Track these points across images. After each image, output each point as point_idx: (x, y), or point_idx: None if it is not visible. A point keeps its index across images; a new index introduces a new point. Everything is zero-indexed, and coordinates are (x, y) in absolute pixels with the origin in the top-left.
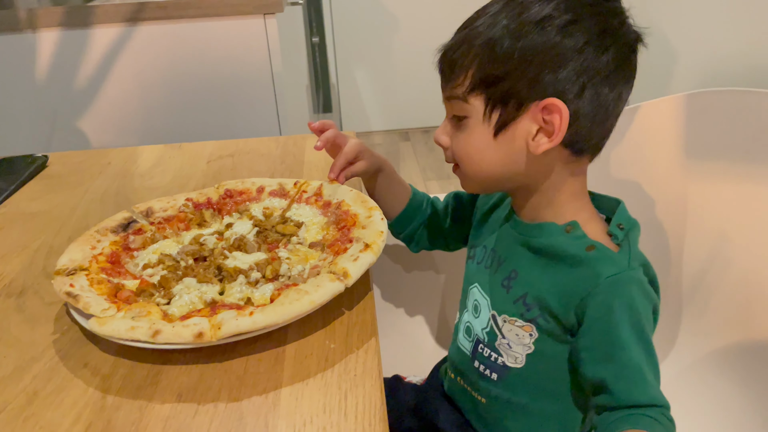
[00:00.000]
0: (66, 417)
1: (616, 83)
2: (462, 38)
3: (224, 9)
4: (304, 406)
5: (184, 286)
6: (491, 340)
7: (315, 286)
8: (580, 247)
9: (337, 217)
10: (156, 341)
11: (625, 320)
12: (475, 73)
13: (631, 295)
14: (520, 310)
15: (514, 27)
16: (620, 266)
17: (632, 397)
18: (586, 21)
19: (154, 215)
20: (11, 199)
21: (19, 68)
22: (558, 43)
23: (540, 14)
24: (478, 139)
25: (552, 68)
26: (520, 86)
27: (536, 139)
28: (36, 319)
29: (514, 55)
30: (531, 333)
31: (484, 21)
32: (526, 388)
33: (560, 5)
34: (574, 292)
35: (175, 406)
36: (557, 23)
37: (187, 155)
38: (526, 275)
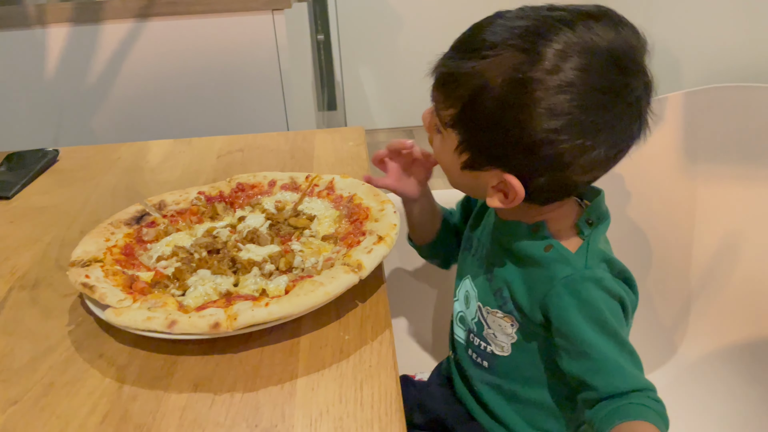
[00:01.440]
0: (82, 407)
1: (606, 166)
2: (457, 71)
3: (233, 5)
4: (320, 396)
5: (199, 277)
6: (480, 329)
7: (329, 277)
8: (539, 248)
9: (350, 211)
10: (172, 332)
11: (585, 319)
12: (459, 116)
13: (588, 293)
14: (498, 302)
15: (502, 103)
16: (575, 266)
17: (613, 387)
18: (601, 128)
19: (167, 208)
20: (22, 193)
21: (28, 64)
22: (534, 145)
23: (547, 99)
24: (447, 159)
25: (525, 153)
26: (491, 149)
27: (494, 193)
28: (50, 311)
29: (496, 131)
30: (512, 324)
31: (483, 67)
32: (514, 375)
33: (577, 96)
34: (536, 292)
35: (191, 396)
36: (559, 124)
37: (197, 150)
38: (500, 271)
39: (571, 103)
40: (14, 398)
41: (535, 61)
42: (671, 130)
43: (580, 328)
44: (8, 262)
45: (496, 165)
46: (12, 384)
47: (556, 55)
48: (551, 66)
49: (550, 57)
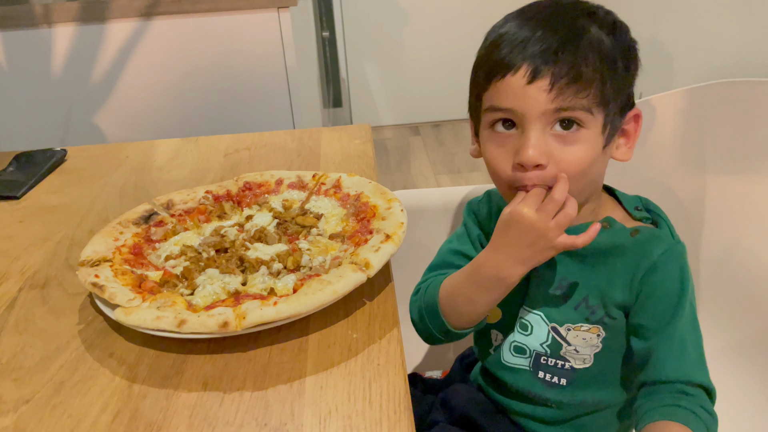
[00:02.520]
0: (94, 405)
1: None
2: (585, 48)
3: (238, 3)
4: (329, 394)
5: (207, 276)
6: (555, 350)
7: (337, 276)
8: (625, 236)
9: (357, 209)
10: (182, 331)
11: (675, 293)
12: (601, 86)
13: (684, 268)
14: (584, 314)
15: (620, 47)
16: (668, 241)
17: (670, 372)
18: (630, 38)
19: (175, 207)
20: (31, 193)
21: (36, 63)
22: (635, 57)
23: (624, 36)
24: (593, 151)
25: (632, 87)
26: (626, 99)
27: (620, 148)
28: (60, 310)
29: (627, 69)
30: (598, 333)
31: (595, 30)
32: (595, 385)
33: (625, 28)
34: (634, 276)
35: (201, 394)
36: (629, 37)
37: (204, 149)
38: (581, 280)
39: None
40: (26, 397)
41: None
42: (678, 126)
43: (668, 301)
44: (18, 262)
45: (627, 110)
46: (24, 383)
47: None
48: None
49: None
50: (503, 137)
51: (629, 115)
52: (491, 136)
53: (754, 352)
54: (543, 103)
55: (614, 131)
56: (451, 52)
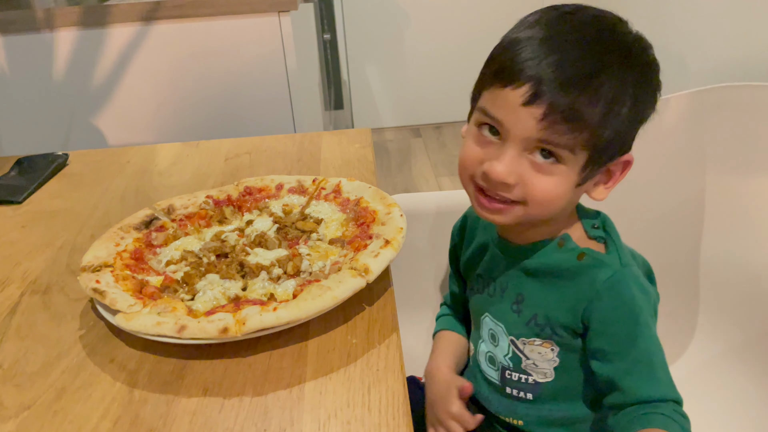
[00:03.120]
0: (94, 411)
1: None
2: (592, 92)
3: (239, 7)
4: (328, 400)
5: (208, 282)
6: (516, 363)
7: (337, 282)
8: (572, 259)
9: (356, 214)
10: (182, 336)
11: (629, 319)
12: (595, 131)
13: (630, 293)
14: (534, 330)
15: (641, 86)
16: (613, 267)
17: (642, 393)
18: (654, 99)
19: (176, 212)
20: (33, 198)
21: (37, 67)
22: (652, 103)
23: (649, 84)
24: (563, 186)
25: (634, 134)
26: (618, 147)
27: (598, 187)
28: (62, 316)
29: (630, 122)
30: (552, 348)
31: (617, 71)
32: (560, 399)
33: (652, 75)
34: (578, 302)
35: (201, 400)
36: (653, 92)
37: (205, 153)
38: (531, 297)
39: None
40: (27, 403)
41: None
42: (680, 129)
43: (622, 326)
44: (20, 267)
45: (616, 157)
46: (25, 389)
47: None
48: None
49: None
50: (485, 141)
51: (619, 160)
52: (476, 133)
53: (754, 353)
54: (530, 130)
55: (595, 173)
56: (453, 53)
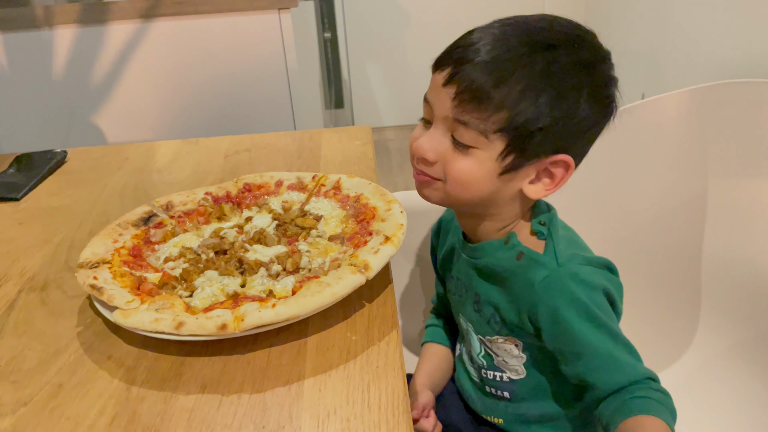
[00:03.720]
0: (91, 408)
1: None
2: (503, 73)
3: (239, 4)
4: (327, 397)
5: (206, 278)
6: (489, 361)
7: (336, 278)
8: (512, 259)
9: (356, 210)
10: (180, 333)
11: (573, 316)
12: (510, 118)
13: (569, 290)
14: (495, 328)
15: (555, 90)
16: (548, 267)
17: (613, 382)
18: (600, 90)
19: (174, 209)
20: (32, 194)
21: (37, 65)
22: (589, 114)
23: (573, 79)
24: (483, 172)
25: (578, 135)
26: (547, 142)
27: (534, 184)
28: (60, 312)
29: (554, 115)
30: (516, 344)
31: (525, 61)
32: (538, 395)
33: (587, 75)
34: (521, 304)
35: (199, 397)
36: (590, 93)
37: (204, 150)
38: (484, 296)
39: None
40: (24, 399)
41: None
42: (680, 127)
43: (570, 327)
44: (18, 264)
45: (547, 153)
46: (22, 385)
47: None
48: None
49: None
50: (425, 126)
51: (554, 159)
52: (423, 121)
53: (757, 352)
54: (446, 109)
55: (520, 165)
56: None
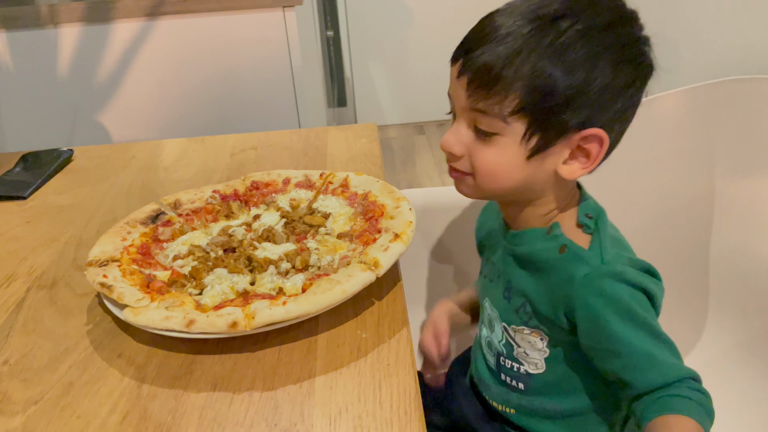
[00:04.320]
0: (103, 406)
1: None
2: (509, 52)
3: (244, 2)
4: (339, 395)
5: (216, 276)
6: (509, 350)
7: (346, 276)
8: (554, 251)
9: (364, 208)
10: (190, 331)
11: (612, 315)
12: (524, 96)
13: (611, 288)
14: (523, 318)
15: (568, 61)
16: (592, 264)
17: (651, 381)
18: (623, 52)
19: (182, 207)
20: (39, 193)
21: (41, 63)
22: (612, 80)
23: (588, 47)
24: (509, 159)
25: (604, 104)
26: (569, 117)
27: (569, 164)
28: (68, 311)
29: (571, 87)
30: (541, 338)
31: (531, 36)
32: (553, 391)
33: (603, 40)
34: (558, 297)
35: (210, 395)
36: (610, 59)
37: (210, 148)
38: (518, 285)
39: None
40: (35, 398)
41: (581, 12)
42: (685, 124)
43: (609, 325)
44: (26, 262)
45: (576, 128)
46: (32, 384)
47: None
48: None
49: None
50: (451, 124)
51: (585, 134)
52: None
53: (764, 349)
54: (463, 100)
55: (547, 144)
56: None
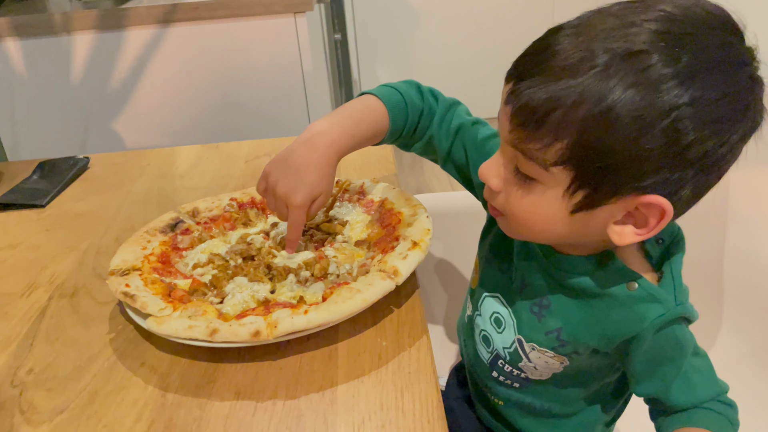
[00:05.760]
0: (128, 415)
1: (726, 169)
2: (563, 93)
3: (255, 8)
4: (361, 403)
5: (236, 285)
6: (514, 360)
7: (366, 284)
8: (621, 286)
9: (381, 215)
10: (214, 340)
11: (677, 358)
12: (572, 147)
13: (682, 335)
14: (553, 343)
15: (636, 112)
16: (666, 305)
17: (682, 403)
18: (727, 124)
19: (200, 215)
20: (56, 201)
21: (55, 71)
22: (691, 144)
23: (670, 101)
24: (549, 210)
25: (670, 170)
26: (625, 178)
27: (621, 226)
28: (90, 319)
29: (631, 148)
30: (562, 362)
31: (593, 80)
32: (547, 397)
33: (700, 89)
34: (616, 334)
35: (234, 404)
36: (687, 114)
37: (225, 155)
38: (561, 309)
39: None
40: (60, 407)
41: (664, 60)
42: None
43: (671, 364)
44: (47, 270)
45: (627, 192)
46: (57, 393)
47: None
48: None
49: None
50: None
51: (643, 201)
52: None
53: None
54: (506, 131)
55: (594, 204)
56: (463, 54)
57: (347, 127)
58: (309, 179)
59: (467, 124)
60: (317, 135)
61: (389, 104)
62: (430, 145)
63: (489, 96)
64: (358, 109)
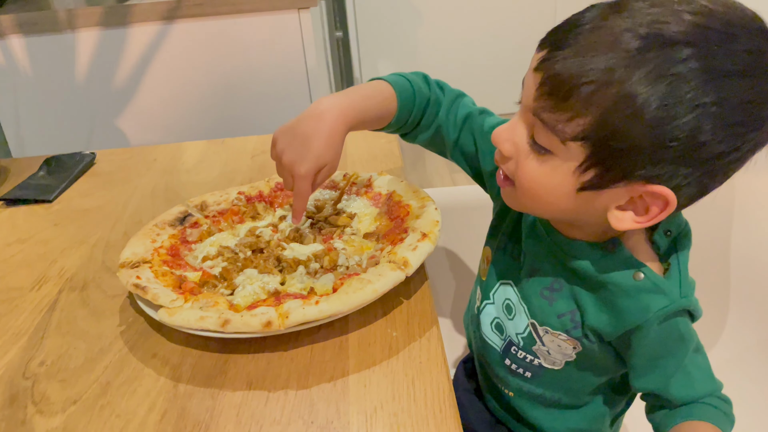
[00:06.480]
0: (141, 405)
1: (731, 174)
2: (596, 68)
3: (259, 4)
4: (373, 392)
5: (246, 277)
6: (528, 345)
7: (377, 275)
8: (627, 276)
9: (389, 208)
10: (225, 330)
11: (678, 351)
12: (594, 125)
13: (685, 327)
14: (565, 326)
15: (662, 101)
16: (671, 297)
17: (694, 393)
18: (734, 113)
19: (209, 209)
20: (64, 196)
21: (60, 68)
22: (706, 143)
23: (697, 97)
24: (557, 184)
25: (682, 165)
26: (638, 164)
27: (621, 211)
28: (101, 312)
29: (651, 136)
30: (575, 347)
31: (626, 63)
32: (560, 388)
33: (727, 90)
34: (621, 322)
35: (246, 393)
36: (709, 113)
37: (231, 150)
38: (570, 293)
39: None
40: (73, 398)
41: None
42: None
43: (672, 357)
44: (56, 264)
45: (636, 178)
46: (70, 384)
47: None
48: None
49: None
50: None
51: (649, 190)
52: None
53: None
54: (530, 98)
55: (601, 185)
56: (465, 51)
57: (356, 102)
58: (315, 149)
59: (474, 114)
60: (325, 106)
61: (398, 89)
62: (437, 135)
63: (491, 92)
64: (368, 89)
